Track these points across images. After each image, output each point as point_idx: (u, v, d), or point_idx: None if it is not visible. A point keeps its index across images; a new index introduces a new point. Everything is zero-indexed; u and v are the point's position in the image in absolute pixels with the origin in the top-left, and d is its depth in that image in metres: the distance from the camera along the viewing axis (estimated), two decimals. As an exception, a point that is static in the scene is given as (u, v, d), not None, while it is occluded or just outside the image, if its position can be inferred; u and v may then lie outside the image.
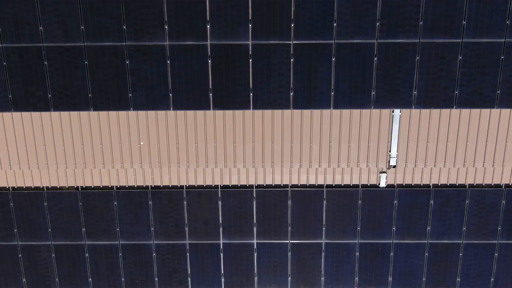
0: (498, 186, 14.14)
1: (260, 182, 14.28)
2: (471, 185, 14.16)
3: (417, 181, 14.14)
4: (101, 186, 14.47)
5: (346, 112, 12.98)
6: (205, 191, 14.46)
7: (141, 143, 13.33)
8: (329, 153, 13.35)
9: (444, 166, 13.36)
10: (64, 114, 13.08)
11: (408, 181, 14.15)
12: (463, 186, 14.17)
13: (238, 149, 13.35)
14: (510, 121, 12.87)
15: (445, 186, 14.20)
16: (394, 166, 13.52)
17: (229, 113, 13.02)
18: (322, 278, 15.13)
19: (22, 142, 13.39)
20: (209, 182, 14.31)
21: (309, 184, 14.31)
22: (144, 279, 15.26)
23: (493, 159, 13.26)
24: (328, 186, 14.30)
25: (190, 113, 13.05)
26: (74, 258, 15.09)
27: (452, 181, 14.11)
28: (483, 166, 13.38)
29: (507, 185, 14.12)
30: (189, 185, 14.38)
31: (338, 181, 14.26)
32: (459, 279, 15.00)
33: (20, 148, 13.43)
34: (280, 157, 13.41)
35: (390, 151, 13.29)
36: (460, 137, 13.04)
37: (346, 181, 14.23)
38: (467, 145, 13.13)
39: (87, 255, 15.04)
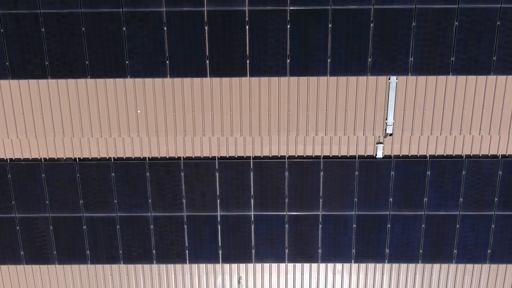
0: (494, 156, 14.16)
1: (258, 153, 14.31)
2: (467, 156, 14.19)
3: (413, 152, 14.16)
4: (98, 158, 14.50)
5: (342, 79, 13.01)
6: (203, 162, 14.48)
7: (138, 111, 13.36)
8: (326, 121, 13.39)
9: (441, 134, 13.38)
10: (62, 82, 13.11)
11: (404, 152, 14.18)
12: (459, 156, 14.20)
13: (235, 118, 13.39)
14: (506, 88, 12.90)
15: (441, 156, 14.22)
16: (391, 135, 13.54)
17: (225, 80, 13.06)
18: (319, 251, 15.16)
19: (20, 111, 13.43)
20: (206, 153, 14.33)
21: (306, 155, 14.33)
22: (142, 251, 15.29)
23: (489, 127, 13.29)
24: (325, 157, 14.32)
25: (187, 80, 13.08)
26: (72, 230, 15.11)
27: (449, 151, 14.14)
28: (479, 134, 13.41)
29: (503, 156, 14.15)
30: (186, 157, 14.41)
31: (335, 152, 14.29)
32: (456, 251, 15.02)
33: (18, 116, 13.47)
34: (277, 125, 13.44)
35: (386, 119, 13.32)
36: (456, 104, 13.08)
37: (343, 152, 14.25)
38: (463, 113, 13.15)
39: (84, 227, 15.07)
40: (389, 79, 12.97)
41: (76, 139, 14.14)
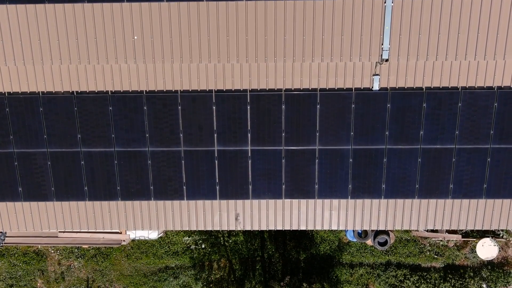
0: (490, 88, 14.21)
1: (254, 86, 14.36)
2: (463, 88, 14.24)
3: (410, 84, 14.21)
4: (96, 91, 14.54)
5: (338, 2, 13.03)
6: (200, 95, 14.54)
7: (135, 37, 13.41)
8: (322, 46, 13.43)
9: (436, 60, 13.43)
10: (59, 7, 13.15)
11: (401, 84, 14.23)
12: (455, 88, 14.25)
13: (231, 43, 13.43)
14: (501, 11, 12.93)
15: (437, 88, 14.27)
16: (387, 60, 13.59)
17: (222, 4, 13.09)
18: (316, 186, 15.22)
19: (17, 37, 13.47)
20: (203, 86, 14.38)
21: (303, 88, 14.38)
22: (139, 187, 15.35)
23: (484, 52, 13.33)
24: (322, 89, 14.37)
25: (183, 5, 13.12)
26: (70, 166, 15.18)
27: (445, 83, 14.19)
28: (474, 59, 13.45)
29: (499, 87, 14.19)
30: (183, 90, 14.46)
31: (331, 85, 14.34)
32: (452, 186, 15.08)
33: (15, 42, 13.52)
34: (273, 51, 13.49)
35: (382, 44, 13.37)
36: (452, 28, 13.11)
37: (340, 85, 14.30)
38: (458, 37, 13.20)
39: (82, 162, 15.14)
40: (385, 2, 13.01)
41: (73, 70, 14.18)
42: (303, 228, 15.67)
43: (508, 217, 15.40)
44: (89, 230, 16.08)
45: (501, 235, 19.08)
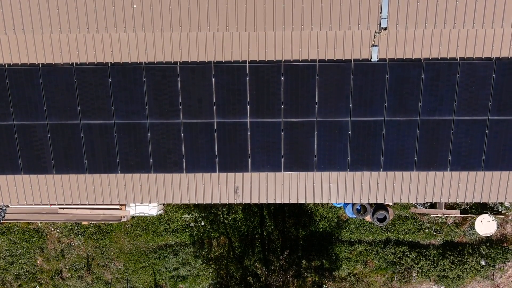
0: (488, 59, 14.25)
1: (254, 58, 14.40)
2: (462, 58, 14.28)
3: (408, 55, 14.26)
4: (95, 62, 14.59)
5: (337, -31, 13.11)
6: (199, 66, 14.59)
7: (134, 6, 13.45)
8: (321, 15, 13.47)
9: (435, 28, 13.47)
10: (58, -26, 13.23)
11: (399, 55, 14.27)
12: (454, 59, 14.29)
13: (230, 11, 13.47)
14: (500, -22, 13.01)
15: (436, 59, 14.31)
16: (385, 29, 13.63)
17: (220, -30, 13.16)
18: (315, 159, 15.27)
19: (17, 5, 13.52)
20: (202, 57, 14.43)
21: (302, 60, 14.42)
22: (139, 160, 15.40)
23: (482, 19, 13.36)
24: (321, 61, 14.42)
25: (182, -27, 13.19)
26: (70, 138, 15.22)
27: (443, 54, 14.23)
28: (473, 28, 13.50)
29: (497, 58, 14.23)
30: (182, 61, 14.50)
31: (330, 56, 14.38)
32: (450, 158, 15.13)
33: (15, 11, 13.57)
34: (272, 20, 13.52)
35: (381, 12, 13.41)
36: (450, -5, 13.19)
37: (339, 56, 14.34)
38: (456, 5, 13.24)
39: (82, 135, 15.19)
40: (383, -31, 13.09)
41: (73, 41, 14.22)
42: (302, 201, 15.72)
43: (507, 189, 15.44)
44: (89, 204, 16.09)
45: (500, 210, 19.12)
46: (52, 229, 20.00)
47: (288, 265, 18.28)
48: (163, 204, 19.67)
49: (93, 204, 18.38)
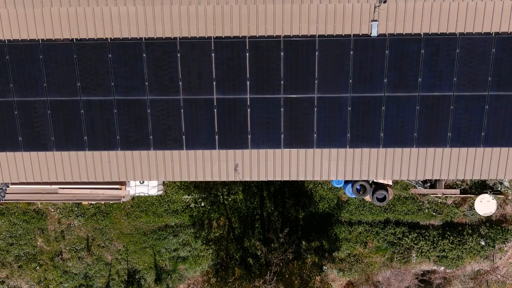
0: (488, 34, 14.25)
1: (253, 33, 14.40)
2: (461, 33, 14.28)
3: (408, 30, 14.26)
4: (95, 38, 14.59)
5: None
6: (198, 42, 14.59)
7: (134, -21, 13.47)
8: (320, -13, 13.50)
9: (434, 1, 13.48)
10: None
11: (399, 30, 14.27)
12: (453, 34, 14.29)
13: (230, -16, 13.51)
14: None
15: (435, 34, 14.31)
16: (385, 1, 13.63)
17: None
18: (315, 135, 15.28)
19: (17, -21, 13.57)
20: (202, 33, 14.43)
21: (302, 35, 14.42)
22: (139, 137, 15.41)
23: (482, -9, 13.40)
24: (320, 36, 14.42)
25: None
26: (70, 115, 15.23)
27: (443, 29, 14.23)
28: (472, 0, 13.50)
29: (497, 33, 14.24)
30: (182, 37, 14.51)
31: (330, 31, 14.38)
32: (450, 134, 15.14)
33: (15, -16, 13.61)
34: (271, -7, 13.55)
35: (380, -15, 13.44)
36: (450, -33, 13.19)
37: (338, 31, 14.35)
38: (456, -23, 13.28)
39: (82, 111, 15.20)
40: None
41: (73, 17, 14.23)
42: (301, 178, 15.73)
43: (506, 166, 15.46)
44: (88, 181, 16.10)
45: (499, 189, 19.12)
46: (52, 210, 20.02)
47: (288, 244, 18.31)
48: (163, 185, 19.70)
49: (93, 184, 18.43)
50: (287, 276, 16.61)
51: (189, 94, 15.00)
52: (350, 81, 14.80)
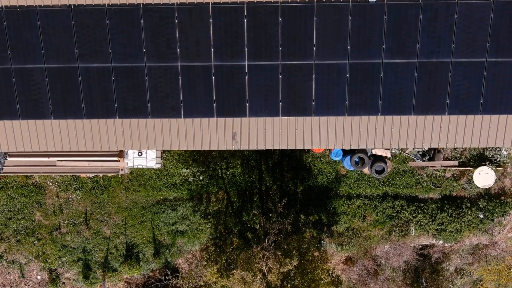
0: (486, -1, 14.22)
1: (251, -2, 14.38)
2: (459, -2, 14.26)
3: (406, -5, 14.21)
4: (93, 4, 14.55)
5: None
6: (196, 7, 14.55)
7: None
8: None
9: (432, -38, 13.46)
10: None
11: (397, -5, 14.23)
12: (452, -1, 14.27)
13: None
14: None
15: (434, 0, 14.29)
16: (383, -36, 13.62)
17: None
18: (313, 103, 15.25)
19: None
20: (200, -2, 14.40)
21: (300, 0, 14.38)
22: (137, 105, 15.38)
23: (480, -47, 13.35)
24: (319, 1, 14.39)
25: None
26: (67, 82, 15.19)
27: (441, -6, 14.19)
28: (470, -38, 13.49)
29: (495, -2, 14.20)
30: (180, 2, 14.47)
31: (328, -3, 14.35)
32: (448, 101, 15.12)
33: None
34: (269, -45, 13.50)
35: None
36: None
37: (336, -3, 14.31)
38: None
39: (80, 79, 15.16)
40: None
41: (71, -20, 14.21)
42: (300, 147, 15.71)
43: (505, 134, 15.45)
44: (87, 151, 16.10)
45: (498, 160, 19.08)
46: (51, 184, 20.00)
47: (286, 216, 18.30)
48: (161, 158, 19.68)
49: (91, 156, 18.40)
50: (285, 247, 16.60)
51: (187, 61, 14.96)
52: (348, 47, 14.77)
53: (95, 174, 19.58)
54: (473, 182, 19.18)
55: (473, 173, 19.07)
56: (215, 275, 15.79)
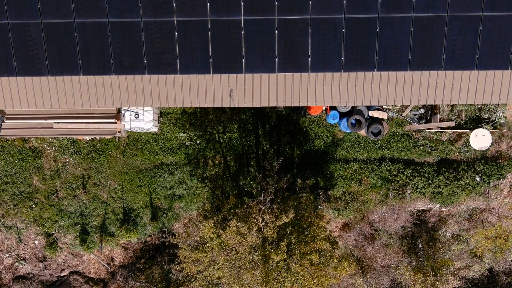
0: (482, -49, 14.21)
1: (247, -48, 14.34)
2: (455, -49, 14.24)
3: None
4: (89, -43, 14.55)
5: None
6: (192, -39, 14.54)
7: None
8: None
9: None
10: None
11: None
12: (447, -48, 14.25)
13: None
14: None
15: (430, -48, 14.27)
16: None
17: None
18: (309, 59, 15.25)
19: None
20: (196, -48, 14.36)
21: (296, -47, 14.37)
22: (133, 61, 15.37)
23: None
24: (314, -46, 14.37)
25: None
26: (64, 38, 15.18)
27: None
28: None
29: (491, -50, 14.18)
30: (176, -44, 14.45)
31: (324, -51, 14.32)
32: (444, 57, 15.12)
33: None
34: None
35: None
36: None
37: (332, -51, 14.28)
38: None
39: (76, 34, 15.16)
40: None
41: None
42: (296, 104, 15.73)
43: (500, 90, 15.46)
44: (83, 109, 16.11)
45: (495, 119, 19.04)
46: (48, 148, 20.02)
47: (284, 174, 18.32)
48: (158, 121, 19.68)
49: (88, 118, 18.42)
50: (282, 207, 16.63)
51: (183, 15, 14.95)
52: (344, 1, 14.77)
53: (92, 137, 19.59)
54: (469, 145, 19.20)
55: (469, 135, 19.08)
56: (211, 229, 15.81)
